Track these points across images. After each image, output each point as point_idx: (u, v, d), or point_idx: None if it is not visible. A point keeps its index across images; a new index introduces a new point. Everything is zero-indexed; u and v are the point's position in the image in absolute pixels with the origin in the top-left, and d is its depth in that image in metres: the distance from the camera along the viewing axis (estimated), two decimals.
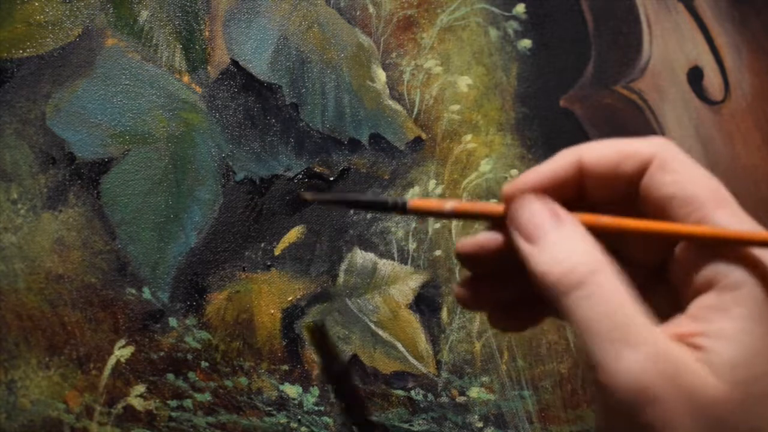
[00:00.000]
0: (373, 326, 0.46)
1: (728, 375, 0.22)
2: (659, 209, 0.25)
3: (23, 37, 0.44)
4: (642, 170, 0.26)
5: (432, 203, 0.28)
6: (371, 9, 0.49)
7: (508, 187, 0.27)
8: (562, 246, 0.25)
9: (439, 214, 0.29)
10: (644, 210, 0.26)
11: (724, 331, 0.22)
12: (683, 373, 0.22)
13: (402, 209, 0.29)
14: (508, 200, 0.27)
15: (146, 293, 0.44)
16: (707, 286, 0.24)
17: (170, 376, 0.43)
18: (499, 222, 0.28)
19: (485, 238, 0.29)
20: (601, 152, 0.26)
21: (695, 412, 0.21)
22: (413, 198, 0.31)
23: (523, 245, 0.26)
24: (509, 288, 0.30)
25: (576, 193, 0.27)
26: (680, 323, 0.24)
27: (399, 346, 0.46)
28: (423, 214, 0.29)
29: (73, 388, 0.42)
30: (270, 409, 0.44)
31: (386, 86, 0.49)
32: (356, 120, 0.48)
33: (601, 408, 0.24)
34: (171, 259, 0.44)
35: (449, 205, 0.28)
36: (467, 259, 0.29)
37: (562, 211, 0.26)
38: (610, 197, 0.27)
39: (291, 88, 0.47)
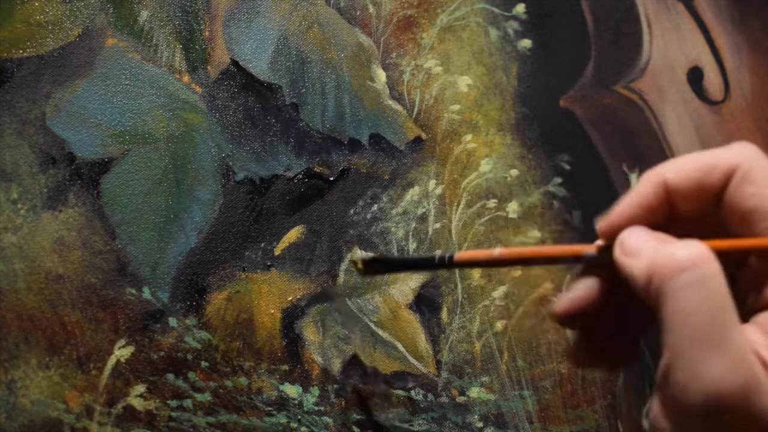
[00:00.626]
0: (373, 326, 0.46)
1: None
2: (743, 221, 0.25)
3: (23, 37, 0.44)
4: (725, 181, 0.25)
5: (479, 253, 0.28)
6: (371, 9, 0.49)
7: (601, 225, 0.27)
8: (666, 244, 0.24)
9: (489, 263, 0.28)
10: (728, 221, 0.26)
11: None
12: (759, 392, 0.21)
13: (449, 264, 0.28)
14: (604, 237, 0.27)
15: (146, 293, 0.44)
16: None
17: (170, 376, 0.43)
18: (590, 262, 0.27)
19: (577, 291, 0.28)
20: (685, 169, 0.26)
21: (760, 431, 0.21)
22: (459, 252, 0.30)
23: (626, 260, 0.25)
24: (622, 342, 0.29)
25: (667, 213, 0.27)
26: (751, 333, 0.23)
27: (399, 346, 0.46)
28: (471, 265, 0.29)
29: (73, 388, 0.42)
30: (270, 409, 0.44)
31: (386, 86, 0.49)
32: (356, 120, 0.48)
33: (670, 404, 0.23)
34: (171, 259, 0.44)
35: (497, 252, 0.27)
36: (568, 319, 0.28)
37: (667, 237, 0.25)
38: (700, 210, 0.27)
39: (291, 88, 0.47)
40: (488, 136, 0.50)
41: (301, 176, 0.47)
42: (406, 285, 0.47)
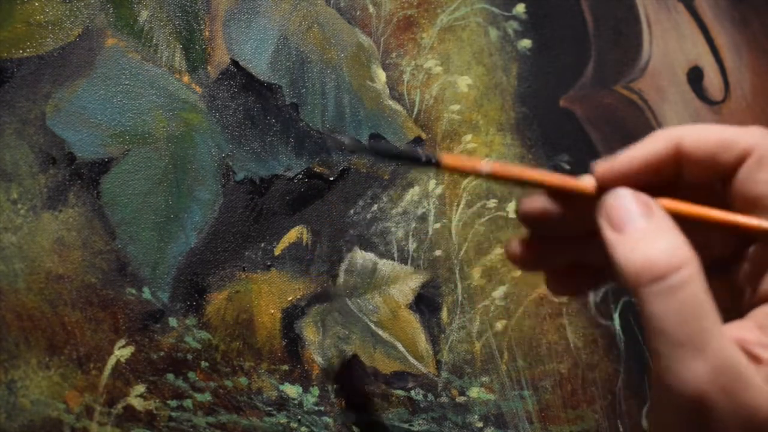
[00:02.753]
0: (373, 326, 0.46)
1: None
2: (749, 205, 0.25)
3: (23, 37, 0.44)
4: (739, 162, 0.25)
5: (469, 162, 0.27)
6: (371, 9, 0.49)
7: (601, 167, 0.26)
8: (649, 236, 0.24)
9: (476, 174, 0.27)
10: (734, 200, 0.26)
11: None
12: (744, 389, 0.22)
13: (436, 165, 0.27)
14: (600, 180, 0.26)
15: (146, 293, 0.44)
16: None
17: (170, 376, 0.43)
18: (563, 195, 0.27)
19: (547, 202, 0.28)
20: (702, 138, 0.26)
21: (749, 428, 0.22)
22: (446, 153, 0.30)
23: (609, 233, 0.25)
24: (569, 252, 0.29)
25: (672, 175, 0.27)
26: (744, 328, 0.24)
27: (399, 346, 0.46)
28: (457, 171, 0.27)
29: (73, 388, 0.42)
30: (270, 409, 0.44)
31: (386, 86, 0.49)
32: (356, 120, 0.48)
33: (658, 403, 0.24)
34: (171, 259, 0.44)
35: (487, 166, 0.26)
36: (530, 218, 0.28)
37: (654, 204, 0.25)
38: (707, 181, 0.26)
39: (291, 88, 0.47)
40: (488, 136, 0.50)
41: (301, 176, 0.47)
42: (406, 285, 0.47)
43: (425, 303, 0.47)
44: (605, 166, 0.26)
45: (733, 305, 0.25)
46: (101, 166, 0.44)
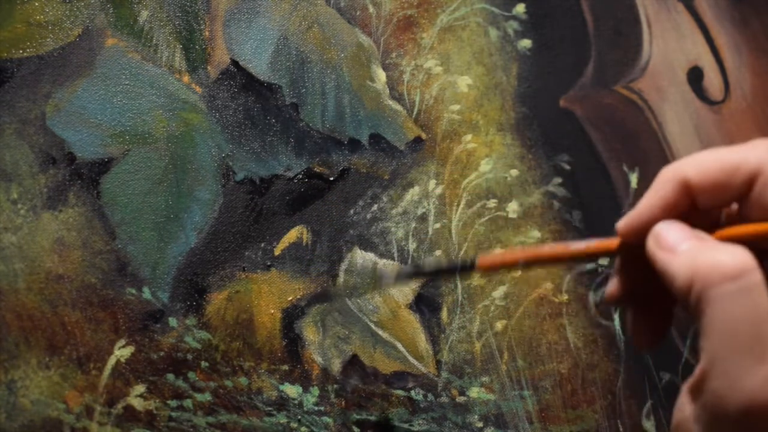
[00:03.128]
0: (373, 326, 0.46)
1: None
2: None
3: (23, 37, 0.44)
4: (750, 183, 0.25)
5: (504, 257, 0.29)
6: (371, 9, 0.49)
7: (622, 223, 0.27)
8: (709, 247, 0.24)
9: (514, 266, 0.29)
10: (754, 219, 0.26)
11: None
12: None
13: (471, 268, 0.29)
14: (624, 235, 0.27)
15: (146, 293, 0.44)
16: None
17: (170, 376, 0.43)
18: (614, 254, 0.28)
19: (618, 277, 0.29)
20: (706, 169, 0.26)
21: None
22: (482, 256, 0.32)
23: (660, 254, 0.25)
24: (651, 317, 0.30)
25: (688, 207, 0.27)
26: None
27: (399, 346, 0.46)
28: (496, 269, 0.29)
29: (73, 388, 0.42)
30: (270, 409, 0.44)
31: (386, 86, 0.49)
32: (356, 120, 0.48)
33: (703, 406, 0.23)
34: (171, 259, 0.44)
35: (521, 255, 0.28)
36: (619, 301, 0.29)
37: (702, 233, 0.25)
38: (723, 204, 0.26)
39: (291, 88, 0.47)
40: (488, 136, 0.50)
41: (301, 176, 0.47)
42: (406, 285, 0.47)
43: (425, 303, 0.47)
44: (625, 221, 0.27)
45: None
46: (101, 166, 0.44)
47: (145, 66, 0.46)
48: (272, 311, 0.45)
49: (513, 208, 0.48)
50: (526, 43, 0.51)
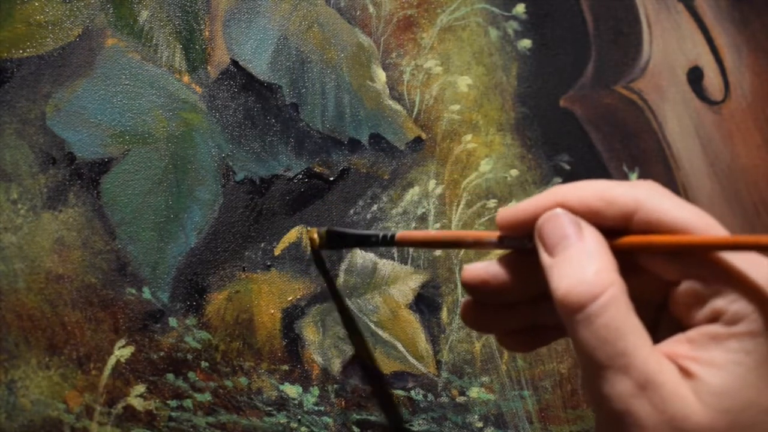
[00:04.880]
0: (373, 326, 0.46)
1: (715, 403, 0.23)
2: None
3: (23, 37, 0.44)
4: (625, 219, 0.26)
5: (418, 233, 0.31)
6: (371, 9, 0.49)
7: (502, 217, 0.28)
8: (575, 262, 0.25)
9: (426, 243, 0.31)
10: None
11: (716, 360, 0.23)
12: (670, 401, 0.23)
13: (390, 242, 0.31)
14: (503, 227, 0.28)
15: (146, 293, 0.44)
16: (708, 320, 0.24)
17: (170, 376, 0.43)
18: (495, 245, 0.29)
19: (491, 270, 0.29)
20: (583, 197, 0.27)
21: None
22: (401, 231, 0.35)
23: (545, 257, 0.26)
24: (521, 315, 0.30)
25: None
26: (677, 343, 0.25)
27: (399, 346, 0.46)
28: (411, 244, 0.32)
29: (73, 388, 0.42)
30: (270, 409, 0.44)
31: (386, 86, 0.49)
32: (356, 120, 0.48)
33: (598, 423, 0.25)
34: (171, 259, 0.44)
35: (433, 233, 0.30)
36: (474, 289, 0.29)
37: (584, 224, 0.26)
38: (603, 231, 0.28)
39: (291, 88, 0.47)
40: (488, 136, 0.50)
41: (301, 176, 0.47)
42: (406, 285, 0.47)
43: (425, 303, 0.47)
44: (504, 215, 0.28)
45: (663, 327, 0.27)
46: (101, 166, 0.44)
47: (145, 66, 0.46)
48: (272, 311, 0.45)
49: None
50: (526, 43, 0.51)
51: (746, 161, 0.53)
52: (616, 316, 0.24)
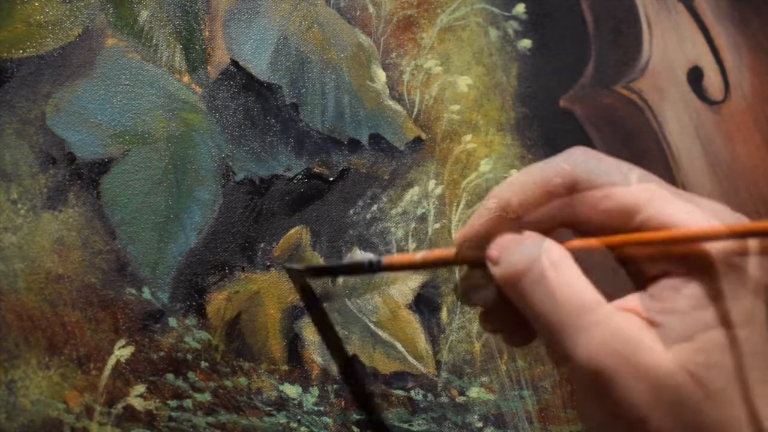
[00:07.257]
0: (372, 326, 0.46)
1: (680, 347, 0.23)
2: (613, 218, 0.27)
3: (23, 37, 0.44)
4: (569, 190, 0.28)
5: (404, 257, 0.33)
6: (371, 9, 0.49)
7: (459, 236, 0.30)
8: (515, 249, 0.27)
9: (412, 266, 0.32)
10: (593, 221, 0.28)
11: (678, 307, 0.24)
12: (638, 351, 0.23)
13: (377, 268, 0.33)
14: (459, 246, 0.30)
15: (146, 293, 0.44)
16: (664, 273, 0.25)
17: (170, 376, 0.43)
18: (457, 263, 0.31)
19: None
20: (523, 190, 0.29)
21: (652, 386, 0.23)
22: (387, 256, 0.37)
23: (492, 268, 0.28)
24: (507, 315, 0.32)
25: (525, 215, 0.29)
26: (639, 299, 0.25)
27: (398, 346, 0.46)
28: (396, 268, 0.33)
29: (73, 388, 0.42)
30: (270, 409, 0.44)
31: (386, 86, 0.49)
32: (356, 120, 0.48)
33: (573, 386, 0.26)
34: (171, 259, 0.44)
35: (419, 256, 0.31)
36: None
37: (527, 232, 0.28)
38: (550, 217, 0.29)
39: (291, 88, 0.47)
40: (488, 136, 0.50)
41: (301, 176, 0.47)
42: (406, 285, 0.47)
43: (425, 303, 0.47)
44: (460, 235, 0.30)
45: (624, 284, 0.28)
46: (101, 166, 0.44)
47: (145, 66, 0.46)
48: (272, 311, 0.45)
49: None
50: (526, 43, 0.51)
51: (746, 161, 0.53)
52: (566, 273, 0.24)
